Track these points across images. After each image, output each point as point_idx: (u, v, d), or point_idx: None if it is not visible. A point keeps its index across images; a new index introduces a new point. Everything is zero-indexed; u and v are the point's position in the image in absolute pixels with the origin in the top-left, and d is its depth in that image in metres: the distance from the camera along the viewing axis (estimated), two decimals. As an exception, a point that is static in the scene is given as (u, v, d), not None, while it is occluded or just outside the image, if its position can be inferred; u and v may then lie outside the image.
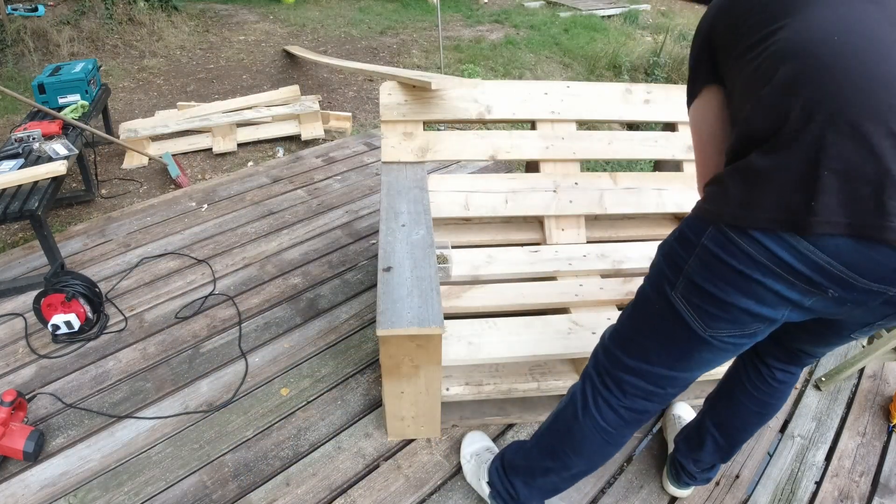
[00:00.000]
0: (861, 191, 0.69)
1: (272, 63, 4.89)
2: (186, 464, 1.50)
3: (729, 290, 0.81)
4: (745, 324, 0.85)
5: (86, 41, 4.77)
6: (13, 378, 1.76)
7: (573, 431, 1.12)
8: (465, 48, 5.48)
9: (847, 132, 0.69)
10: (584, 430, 1.10)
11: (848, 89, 0.69)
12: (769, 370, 1.18)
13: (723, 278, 0.82)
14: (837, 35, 0.72)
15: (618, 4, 7.79)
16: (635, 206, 1.89)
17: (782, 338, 1.12)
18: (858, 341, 2.01)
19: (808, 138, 0.71)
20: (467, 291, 1.67)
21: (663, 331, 0.95)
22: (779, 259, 0.75)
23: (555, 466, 1.18)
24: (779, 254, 0.75)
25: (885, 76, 0.68)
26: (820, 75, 0.71)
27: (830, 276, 0.74)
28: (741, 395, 1.23)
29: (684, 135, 1.96)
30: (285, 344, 1.90)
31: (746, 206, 0.77)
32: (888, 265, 0.71)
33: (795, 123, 0.72)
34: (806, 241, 0.72)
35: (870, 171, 0.68)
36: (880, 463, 1.58)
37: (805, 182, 0.71)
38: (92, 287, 1.94)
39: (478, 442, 1.52)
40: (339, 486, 1.45)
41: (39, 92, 2.74)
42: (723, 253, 0.80)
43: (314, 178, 2.96)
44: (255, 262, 2.30)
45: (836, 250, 0.72)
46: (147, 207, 2.69)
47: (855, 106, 0.68)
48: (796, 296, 0.79)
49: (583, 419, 1.10)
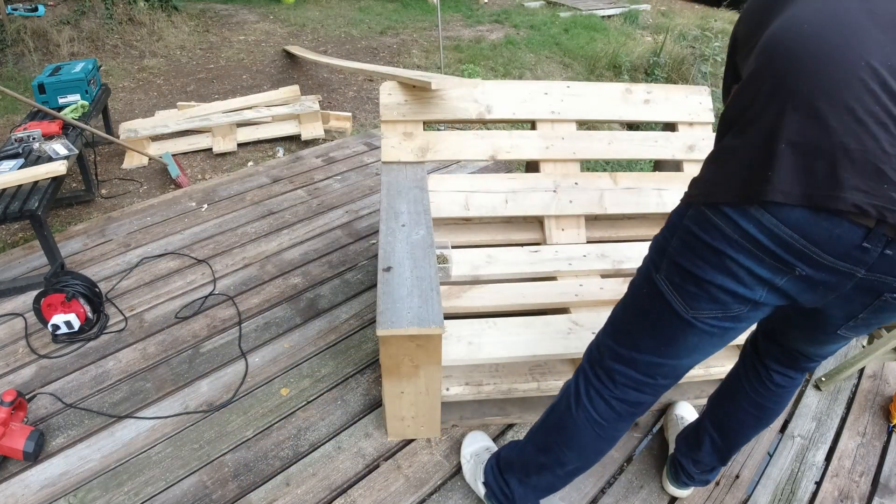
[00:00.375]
0: (816, 164, 0.72)
1: (272, 63, 4.89)
2: (186, 464, 1.50)
3: (706, 267, 0.86)
4: (724, 304, 0.88)
5: (86, 41, 4.77)
6: (13, 378, 1.76)
7: (566, 425, 1.13)
8: (465, 48, 5.48)
9: (804, 108, 0.72)
10: (577, 423, 1.11)
11: (807, 69, 0.73)
12: (768, 372, 1.18)
13: (700, 255, 0.86)
14: (808, 24, 0.75)
15: (618, 4, 7.79)
16: (635, 206, 1.89)
17: (777, 335, 1.13)
18: (858, 341, 2.01)
19: (769, 116, 0.76)
20: (467, 291, 1.67)
21: (650, 316, 0.98)
22: (746, 233, 0.79)
23: (549, 462, 1.18)
24: (746, 228, 0.79)
25: (844, 56, 0.71)
26: (784, 59, 0.76)
27: (794, 250, 0.77)
28: (741, 397, 1.24)
29: (684, 135, 1.96)
30: (285, 344, 1.90)
31: (716, 184, 0.83)
32: (848, 240, 0.74)
33: (759, 104, 0.77)
34: (769, 213, 0.76)
35: (824, 145, 0.72)
36: (880, 463, 1.59)
37: (764, 156, 0.76)
38: (92, 287, 1.94)
39: (478, 442, 1.52)
40: (339, 486, 1.45)
41: (39, 92, 2.74)
42: (699, 230, 0.85)
43: (314, 178, 2.96)
44: (255, 262, 2.30)
45: (797, 223, 0.75)
46: (147, 207, 2.69)
47: (812, 83, 0.72)
48: (767, 273, 0.82)
49: (576, 412, 1.11)
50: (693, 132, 1.96)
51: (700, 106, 1.97)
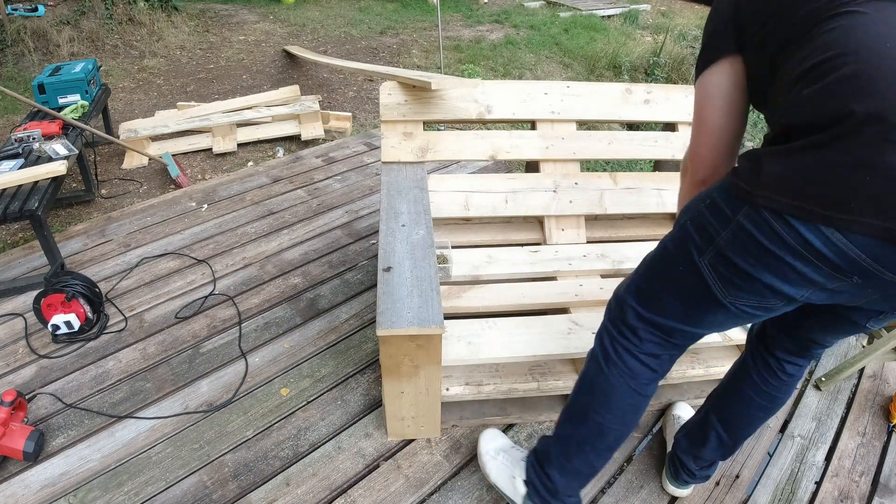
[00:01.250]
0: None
1: (272, 63, 4.89)
2: (186, 464, 1.50)
3: (759, 266, 0.86)
4: (765, 297, 0.90)
5: (86, 41, 4.77)
6: (13, 378, 1.76)
7: (601, 386, 1.14)
8: (465, 48, 5.48)
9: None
10: (611, 381, 1.12)
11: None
12: (779, 363, 1.19)
13: (754, 255, 0.85)
14: (889, 42, 0.73)
15: (618, 4, 7.80)
16: (635, 206, 1.89)
17: (792, 327, 1.14)
18: (858, 341, 2.01)
19: (860, 142, 0.73)
20: (467, 291, 1.67)
21: (683, 288, 1.00)
22: (811, 246, 0.79)
23: (588, 433, 1.17)
24: (812, 242, 0.78)
25: None
26: (878, 83, 0.73)
27: (858, 267, 0.77)
28: (749, 389, 1.24)
29: (684, 135, 1.96)
30: (285, 344, 1.90)
31: (786, 192, 0.80)
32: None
33: (848, 125, 0.74)
34: (840, 234, 0.76)
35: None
36: (880, 463, 1.59)
37: (848, 181, 0.74)
38: (92, 287, 1.94)
39: (500, 438, 1.49)
40: (339, 486, 1.45)
41: (39, 92, 2.74)
42: (757, 232, 0.83)
43: (314, 178, 2.96)
44: (255, 262, 2.30)
45: (869, 248, 0.75)
46: (147, 207, 2.69)
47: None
48: (821, 279, 0.82)
49: (608, 370, 1.12)
50: (693, 132, 1.96)
51: (700, 106, 1.97)
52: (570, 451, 1.21)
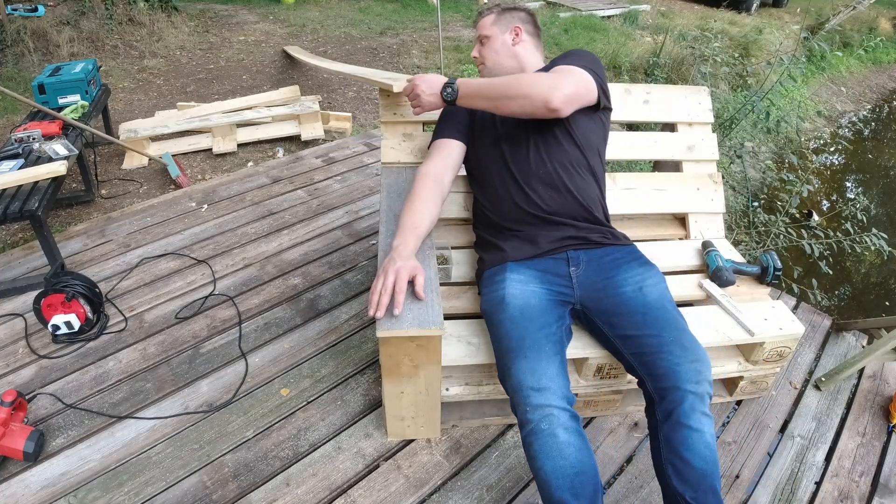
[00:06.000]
0: None
1: (272, 63, 4.90)
2: (186, 464, 1.50)
3: None
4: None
5: (86, 41, 4.77)
6: (13, 378, 1.76)
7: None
8: (465, 48, 5.48)
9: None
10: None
11: None
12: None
13: None
14: None
15: (618, 5, 7.80)
16: (635, 206, 1.89)
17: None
18: (858, 341, 2.01)
19: None
20: (467, 292, 1.67)
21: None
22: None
23: None
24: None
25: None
26: None
27: None
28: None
29: (684, 135, 1.96)
30: (285, 344, 1.90)
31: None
32: None
33: None
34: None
35: None
36: (880, 463, 1.59)
37: None
38: (92, 287, 1.94)
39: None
40: (339, 486, 1.45)
41: (39, 92, 2.74)
42: None
43: (314, 178, 2.96)
44: (255, 263, 2.30)
45: None
46: (147, 208, 2.69)
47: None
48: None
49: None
50: (692, 132, 1.96)
51: (699, 106, 1.97)
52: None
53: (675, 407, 1.15)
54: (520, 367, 1.20)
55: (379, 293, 1.23)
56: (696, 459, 1.12)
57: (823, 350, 1.99)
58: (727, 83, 5.55)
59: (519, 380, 1.18)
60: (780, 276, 1.69)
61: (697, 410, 1.15)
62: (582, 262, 1.43)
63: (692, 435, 1.13)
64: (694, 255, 1.82)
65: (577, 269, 1.42)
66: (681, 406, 1.15)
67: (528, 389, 1.16)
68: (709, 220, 1.94)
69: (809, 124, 6.33)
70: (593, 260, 1.43)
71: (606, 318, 1.35)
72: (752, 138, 5.06)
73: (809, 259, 3.06)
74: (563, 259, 1.44)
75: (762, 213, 3.51)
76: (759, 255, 1.82)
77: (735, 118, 3.89)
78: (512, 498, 1.44)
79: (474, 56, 1.67)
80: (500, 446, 1.57)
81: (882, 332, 1.97)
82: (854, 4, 5.39)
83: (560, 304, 1.38)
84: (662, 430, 1.18)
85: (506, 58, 1.61)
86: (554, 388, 1.16)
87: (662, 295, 1.35)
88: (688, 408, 1.14)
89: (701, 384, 1.17)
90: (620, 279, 1.38)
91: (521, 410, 1.16)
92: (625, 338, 1.31)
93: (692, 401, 1.15)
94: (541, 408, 1.13)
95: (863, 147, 6.27)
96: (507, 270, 1.41)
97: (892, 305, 3.69)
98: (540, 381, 1.17)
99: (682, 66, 5.55)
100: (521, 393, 1.17)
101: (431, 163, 1.53)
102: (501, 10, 1.64)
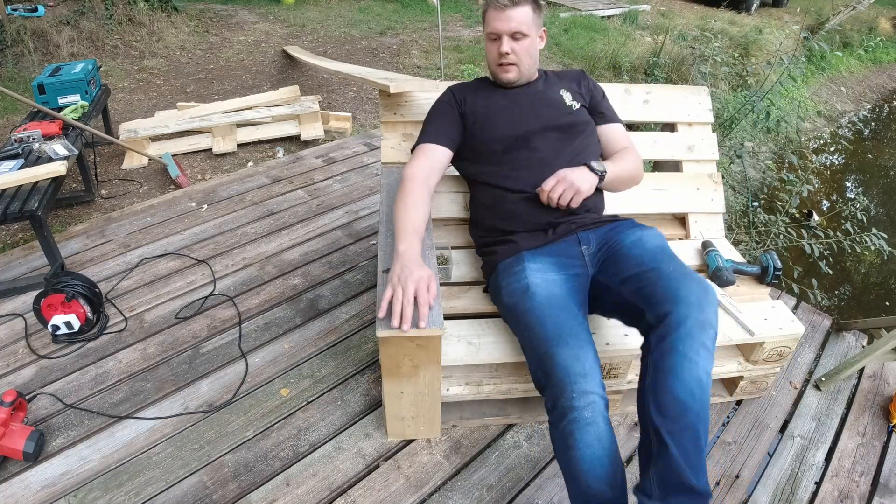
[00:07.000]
0: None
1: (272, 63, 4.90)
2: (186, 464, 1.50)
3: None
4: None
5: (86, 41, 4.77)
6: (13, 378, 1.76)
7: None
8: (465, 48, 5.49)
9: None
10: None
11: None
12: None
13: None
14: None
15: (618, 5, 7.80)
16: (635, 205, 1.89)
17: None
18: (858, 341, 2.01)
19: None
20: (467, 292, 1.67)
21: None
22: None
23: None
24: None
25: None
26: None
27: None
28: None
29: (684, 135, 1.96)
30: (285, 344, 1.90)
31: None
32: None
33: None
34: None
35: None
36: (880, 463, 1.59)
37: None
38: (92, 287, 1.94)
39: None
40: (339, 486, 1.45)
41: (39, 92, 2.74)
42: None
43: (314, 178, 2.96)
44: (255, 263, 2.30)
45: None
46: (147, 208, 2.69)
47: None
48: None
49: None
50: (692, 132, 1.97)
51: (699, 106, 1.97)
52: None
53: (672, 331, 1.06)
54: (565, 354, 1.14)
55: (402, 304, 1.18)
56: (680, 389, 1.01)
57: (823, 350, 1.99)
58: (727, 83, 5.55)
59: (566, 366, 1.12)
60: (780, 276, 1.70)
61: (697, 339, 1.04)
62: (592, 240, 1.45)
63: (683, 362, 1.03)
64: (694, 255, 1.82)
65: (587, 247, 1.44)
66: (678, 330, 1.05)
67: (576, 375, 1.11)
68: (709, 220, 1.94)
69: (809, 124, 6.33)
70: (601, 235, 1.46)
71: (611, 272, 1.35)
72: (752, 138, 5.06)
73: (809, 259, 3.06)
74: (574, 240, 1.45)
75: (762, 213, 3.52)
76: (759, 254, 1.82)
77: (735, 118, 3.89)
78: (512, 498, 1.44)
79: (505, 52, 1.46)
80: (500, 446, 1.57)
81: (882, 331, 1.97)
82: (854, 4, 5.38)
83: (579, 290, 1.37)
84: (652, 356, 1.09)
85: (534, 63, 1.55)
86: (594, 375, 1.13)
87: (662, 245, 1.36)
88: (685, 333, 1.05)
89: (705, 310, 1.07)
90: (622, 236, 1.41)
91: (567, 397, 1.10)
92: (626, 280, 1.28)
93: (691, 326, 1.05)
94: (587, 394, 1.09)
95: (863, 147, 6.28)
96: (524, 260, 1.40)
97: (892, 305, 3.69)
98: (584, 366, 1.12)
99: (682, 66, 5.55)
100: (567, 379, 1.11)
101: (418, 164, 1.50)
102: (537, 5, 1.47)
